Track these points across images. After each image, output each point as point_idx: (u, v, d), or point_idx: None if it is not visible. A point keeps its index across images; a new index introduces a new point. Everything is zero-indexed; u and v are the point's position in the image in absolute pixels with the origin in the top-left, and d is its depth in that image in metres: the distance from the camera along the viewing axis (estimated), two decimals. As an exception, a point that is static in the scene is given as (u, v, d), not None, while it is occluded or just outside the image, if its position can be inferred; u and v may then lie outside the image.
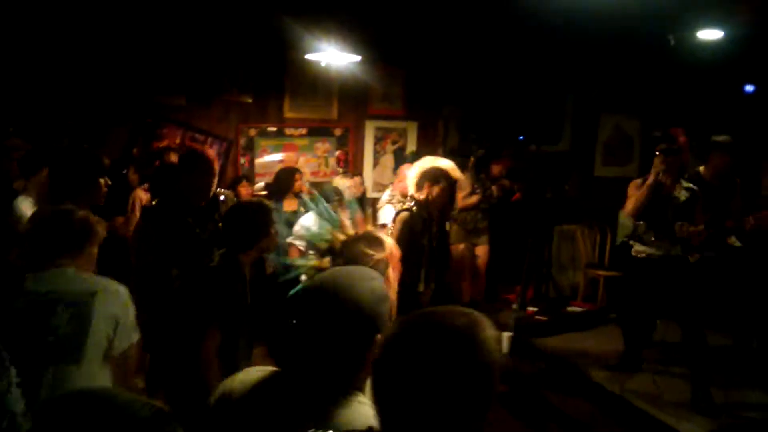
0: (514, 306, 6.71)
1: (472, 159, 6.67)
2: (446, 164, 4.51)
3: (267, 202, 3.58)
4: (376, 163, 7.25)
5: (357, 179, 6.60)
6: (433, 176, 4.42)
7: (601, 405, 4.80)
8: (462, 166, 6.66)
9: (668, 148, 4.89)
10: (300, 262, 2.33)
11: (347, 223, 2.34)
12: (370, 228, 2.42)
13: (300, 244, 5.25)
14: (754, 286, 5.58)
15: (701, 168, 5.63)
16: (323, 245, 2.28)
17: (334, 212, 2.37)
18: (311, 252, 2.40)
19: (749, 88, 6.97)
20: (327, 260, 2.24)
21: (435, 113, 7.27)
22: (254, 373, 1.68)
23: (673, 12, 5.23)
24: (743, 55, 5.90)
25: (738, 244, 5.46)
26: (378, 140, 7.17)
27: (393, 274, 2.22)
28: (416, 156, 6.83)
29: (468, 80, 6.95)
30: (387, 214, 5.63)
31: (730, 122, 6.16)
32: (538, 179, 7.10)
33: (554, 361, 5.52)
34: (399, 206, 5.58)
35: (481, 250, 6.65)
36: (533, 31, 6.04)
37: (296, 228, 5.34)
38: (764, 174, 6.79)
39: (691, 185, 4.94)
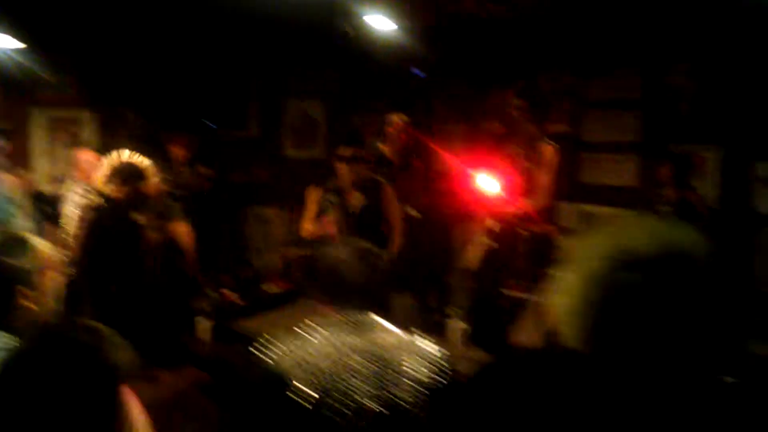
0: (211, 292, 6.65)
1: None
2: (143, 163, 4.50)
3: None
4: (49, 155, 6.65)
5: (20, 173, 5.92)
6: (130, 175, 4.39)
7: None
8: (147, 154, 6.43)
9: (355, 155, 5.00)
10: None
11: None
12: (22, 233, 2.19)
13: None
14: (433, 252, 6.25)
15: (382, 145, 6.11)
16: None
17: None
18: None
19: (417, 71, 7.62)
20: None
21: (116, 101, 6.84)
22: None
23: (348, 2, 5.55)
24: (415, 45, 6.43)
25: (417, 214, 6.04)
26: (51, 131, 6.55)
27: (48, 282, 2.05)
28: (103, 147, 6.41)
29: (151, 66, 6.66)
30: (73, 207, 5.16)
31: (407, 104, 6.69)
32: (228, 164, 7.10)
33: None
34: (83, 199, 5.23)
35: (180, 231, 6.35)
36: (216, 16, 6.00)
37: None
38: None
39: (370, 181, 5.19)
